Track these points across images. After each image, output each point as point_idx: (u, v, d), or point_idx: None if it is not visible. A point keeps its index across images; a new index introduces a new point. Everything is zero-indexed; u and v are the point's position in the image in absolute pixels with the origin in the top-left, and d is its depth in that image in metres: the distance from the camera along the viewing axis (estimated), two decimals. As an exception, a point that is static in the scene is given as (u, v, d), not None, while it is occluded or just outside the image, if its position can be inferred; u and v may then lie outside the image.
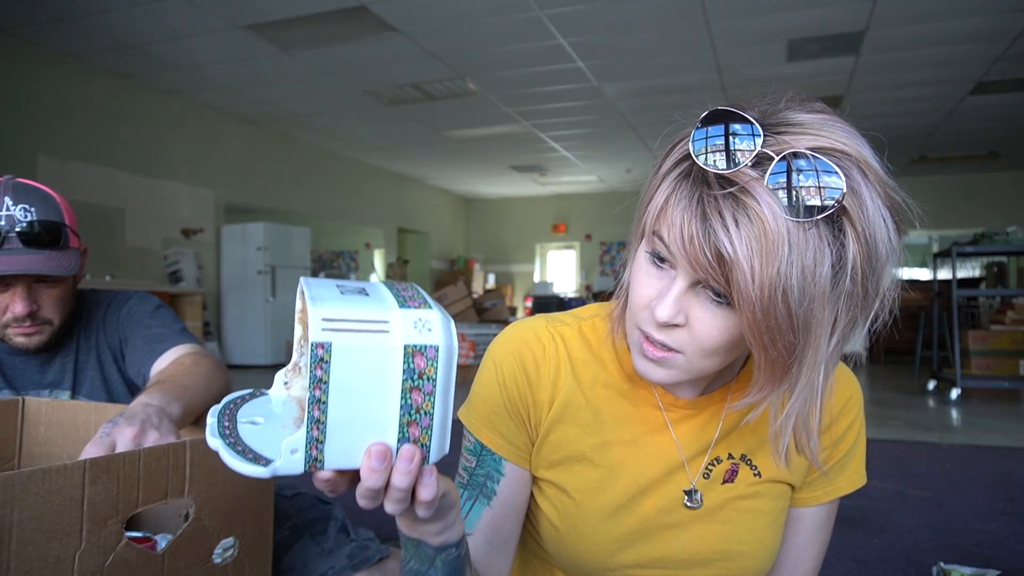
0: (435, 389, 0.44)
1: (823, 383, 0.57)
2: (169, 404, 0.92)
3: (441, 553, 0.57)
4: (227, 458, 0.45)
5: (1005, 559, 1.91)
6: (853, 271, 0.53)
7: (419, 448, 0.45)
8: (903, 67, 5.59)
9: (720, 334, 0.58)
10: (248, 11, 4.66)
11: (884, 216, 0.55)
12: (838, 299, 0.54)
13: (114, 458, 0.72)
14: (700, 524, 0.71)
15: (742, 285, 0.52)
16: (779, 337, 0.54)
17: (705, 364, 0.61)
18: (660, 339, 0.60)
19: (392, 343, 0.42)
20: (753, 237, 0.51)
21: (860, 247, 0.53)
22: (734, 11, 4.61)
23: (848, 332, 0.57)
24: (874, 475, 2.82)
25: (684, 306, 0.58)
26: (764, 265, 0.51)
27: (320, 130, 7.94)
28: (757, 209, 0.51)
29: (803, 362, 0.55)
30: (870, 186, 0.54)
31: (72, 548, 0.67)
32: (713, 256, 0.53)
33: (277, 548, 1.09)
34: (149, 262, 6.37)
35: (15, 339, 1.19)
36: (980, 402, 5.01)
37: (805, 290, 0.52)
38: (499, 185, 11.55)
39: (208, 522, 0.81)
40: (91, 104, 5.78)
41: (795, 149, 0.52)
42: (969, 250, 5.06)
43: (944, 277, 6.17)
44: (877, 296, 0.57)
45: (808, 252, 0.52)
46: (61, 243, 1.15)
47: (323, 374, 0.42)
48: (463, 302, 6.80)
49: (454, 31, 4.97)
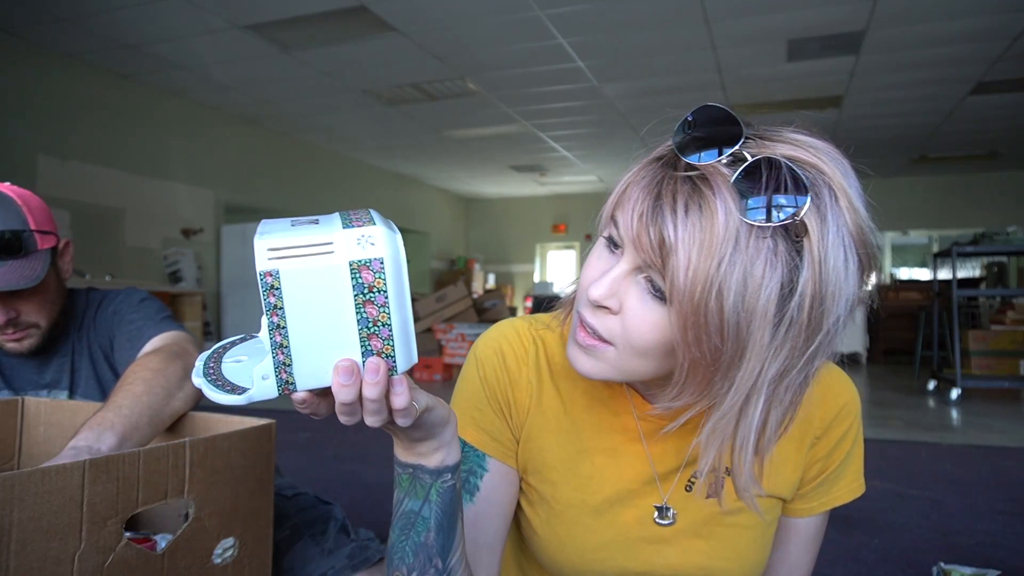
0: (387, 300, 0.45)
1: (759, 416, 0.54)
2: (100, 437, 0.86)
3: (437, 480, 0.57)
4: (207, 392, 0.47)
5: (1005, 559, 1.91)
6: (802, 298, 0.50)
7: (384, 359, 0.46)
8: (903, 67, 5.58)
9: (651, 330, 0.55)
10: (248, 11, 4.65)
11: (847, 247, 0.52)
12: (780, 323, 0.51)
13: (114, 458, 0.72)
14: (684, 539, 0.69)
15: (677, 273, 0.50)
16: (705, 338, 0.51)
17: (635, 364, 0.58)
18: (592, 323, 0.58)
19: (336, 261, 0.44)
20: (699, 227, 0.50)
21: (814, 273, 0.50)
22: (734, 11, 4.61)
23: (789, 366, 0.53)
24: (874, 475, 2.82)
25: (620, 291, 0.56)
26: (702, 257, 0.49)
27: (320, 130, 7.93)
28: (711, 200, 0.50)
29: (730, 377, 0.53)
30: (838, 212, 0.52)
31: (72, 548, 0.67)
32: (656, 239, 0.51)
33: (277, 548, 1.09)
34: (149, 262, 6.37)
35: (7, 345, 1.19)
36: (980, 402, 5.01)
37: (744, 298, 0.49)
38: (499, 185, 11.54)
39: (208, 522, 0.81)
40: (91, 104, 5.78)
41: (771, 155, 0.51)
42: (969, 250, 5.06)
43: (944, 277, 6.17)
44: (820, 332, 0.52)
45: (757, 261, 0.49)
46: (23, 251, 1.10)
47: (276, 300, 0.44)
48: (463, 302, 6.79)
49: (454, 31, 4.97)
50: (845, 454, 0.71)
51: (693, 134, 0.54)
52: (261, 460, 0.90)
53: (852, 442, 0.72)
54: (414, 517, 0.58)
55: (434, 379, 6.18)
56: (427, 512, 0.58)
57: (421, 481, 0.57)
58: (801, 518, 0.73)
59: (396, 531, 0.60)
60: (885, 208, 7.43)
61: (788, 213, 0.49)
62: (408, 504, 0.58)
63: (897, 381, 6.29)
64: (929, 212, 10.10)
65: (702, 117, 0.54)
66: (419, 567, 0.58)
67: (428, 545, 0.58)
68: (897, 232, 10.84)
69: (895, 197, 10.05)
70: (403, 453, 0.58)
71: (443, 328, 6.41)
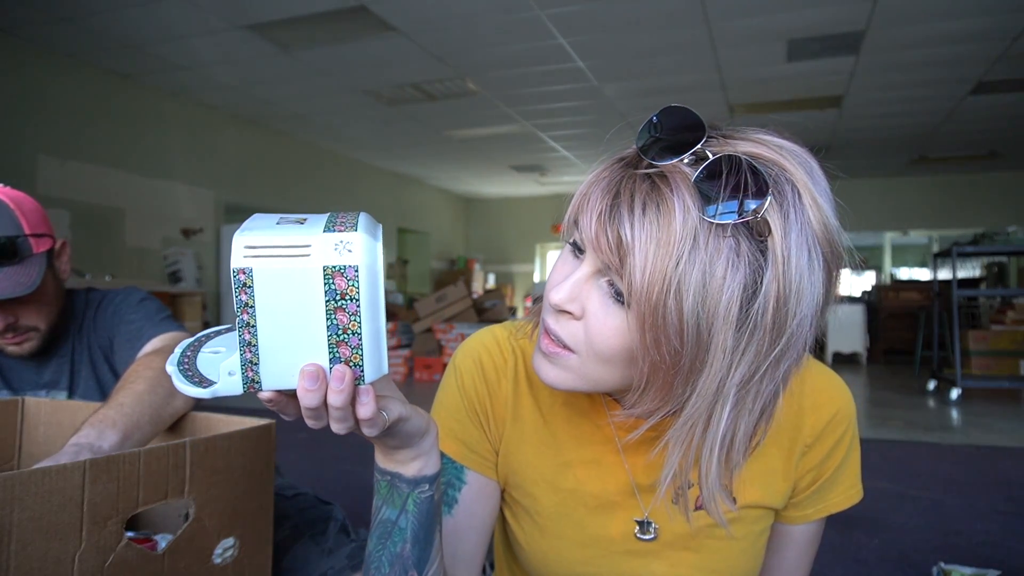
0: (359, 309, 0.44)
1: (724, 424, 0.52)
2: (102, 435, 0.87)
3: (415, 490, 0.56)
4: (175, 381, 0.47)
5: (1005, 559, 1.91)
6: (765, 299, 0.49)
7: (350, 368, 0.45)
8: (903, 67, 5.58)
9: (612, 335, 0.53)
10: (248, 11, 4.65)
11: (811, 245, 0.50)
12: (744, 326, 0.49)
13: (114, 458, 0.72)
14: (672, 552, 0.67)
15: (634, 273, 0.49)
16: (664, 340, 0.49)
17: (600, 372, 0.56)
18: (554, 330, 0.56)
19: (310, 265, 0.43)
20: (656, 226, 0.48)
21: (777, 273, 0.49)
22: (734, 11, 4.61)
23: (756, 371, 0.51)
24: (874, 475, 2.82)
25: (582, 295, 0.54)
26: (659, 256, 0.48)
27: (320, 130, 7.93)
28: (669, 198, 0.48)
29: (692, 382, 0.51)
30: (801, 210, 0.50)
31: (72, 548, 0.67)
32: (614, 239, 0.50)
33: (277, 548, 1.09)
34: (149, 262, 6.37)
35: (7, 348, 1.19)
36: (980, 402, 5.01)
37: (705, 299, 0.48)
38: (499, 185, 11.54)
39: (208, 522, 0.81)
40: (91, 104, 5.78)
41: (732, 152, 0.50)
42: (969, 250, 5.06)
43: (944, 277, 6.17)
44: (785, 334, 0.50)
45: (718, 260, 0.48)
46: (18, 257, 1.09)
47: (248, 299, 0.43)
48: (463, 302, 6.79)
49: (454, 31, 4.97)
50: (840, 461, 0.69)
51: (656, 135, 0.53)
52: (261, 460, 0.90)
53: (847, 449, 0.69)
54: (391, 527, 0.57)
55: (434, 379, 6.18)
56: (404, 523, 0.57)
57: (399, 490, 0.57)
58: (796, 525, 0.71)
59: (373, 540, 0.59)
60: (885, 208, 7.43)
61: (748, 210, 0.48)
62: (385, 512, 0.58)
63: (897, 381, 6.29)
64: (929, 212, 10.10)
65: (666, 119, 0.53)
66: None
67: (404, 557, 0.57)
68: (897, 232, 10.83)
69: (895, 197, 10.05)
70: (382, 459, 0.57)
71: (443, 328, 6.41)
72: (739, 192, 0.48)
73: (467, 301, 6.81)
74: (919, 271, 14.31)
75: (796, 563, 0.74)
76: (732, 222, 0.48)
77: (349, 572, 1.15)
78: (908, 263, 15.02)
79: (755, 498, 0.67)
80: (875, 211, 10.10)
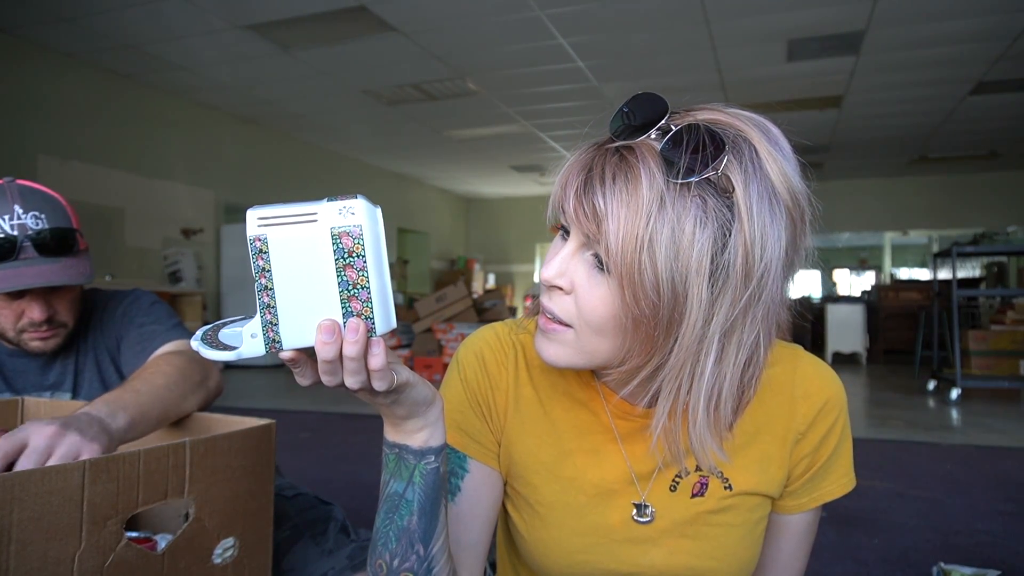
0: (366, 265, 0.48)
1: (709, 373, 0.57)
2: (113, 414, 0.87)
3: (421, 461, 0.59)
4: (203, 351, 0.52)
5: (1005, 559, 1.91)
6: (734, 249, 0.53)
7: (363, 320, 0.49)
8: (903, 67, 5.58)
9: (600, 303, 0.57)
10: (248, 11, 4.66)
11: (771, 195, 0.55)
12: (717, 277, 0.54)
13: (114, 458, 0.72)
14: (669, 539, 0.68)
15: (609, 238, 0.54)
16: (642, 296, 0.54)
17: (595, 344, 0.60)
18: (549, 307, 0.61)
19: (319, 229, 0.48)
20: (625, 192, 0.53)
21: (742, 224, 0.53)
22: (734, 11, 4.61)
23: (734, 321, 0.56)
24: (874, 475, 2.82)
25: (570, 270, 0.59)
26: (630, 219, 0.53)
27: (320, 130, 7.93)
28: (636, 167, 0.54)
29: (673, 334, 0.55)
30: (759, 164, 0.55)
31: (72, 549, 0.67)
32: (590, 211, 0.55)
33: (278, 548, 1.09)
34: (149, 262, 6.37)
35: (31, 343, 1.18)
36: (980, 402, 5.01)
37: (677, 254, 0.53)
38: (499, 185, 11.55)
39: (208, 522, 0.81)
40: (91, 104, 5.78)
41: (692, 121, 0.55)
42: (969, 250, 5.06)
43: (944, 277, 6.17)
44: (754, 280, 0.54)
45: (686, 218, 0.53)
46: (74, 250, 1.13)
47: (264, 264, 0.48)
48: (463, 302, 6.79)
49: (454, 31, 4.97)
50: (832, 449, 0.71)
51: (628, 121, 0.58)
52: (261, 460, 0.90)
53: (839, 437, 0.71)
54: (398, 500, 0.60)
55: (434, 379, 6.18)
56: (411, 495, 0.59)
57: (405, 462, 0.59)
58: (792, 515, 0.73)
59: (381, 516, 0.61)
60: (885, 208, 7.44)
61: (708, 167, 0.52)
62: (393, 486, 0.60)
63: (897, 381, 6.29)
64: (929, 212, 10.10)
65: (636, 104, 0.58)
66: (401, 552, 0.60)
67: (411, 530, 0.59)
68: (897, 232, 10.84)
69: (895, 197, 10.06)
70: (390, 432, 0.60)
71: (443, 328, 6.41)
72: (699, 153, 0.53)
73: (467, 301, 6.81)
74: (919, 271, 14.31)
75: (793, 553, 0.75)
76: (695, 180, 0.53)
77: (350, 572, 1.15)
78: (908, 263, 15.03)
79: (751, 485, 0.69)
80: (875, 211, 10.10)
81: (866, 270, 13.03)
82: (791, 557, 0.74)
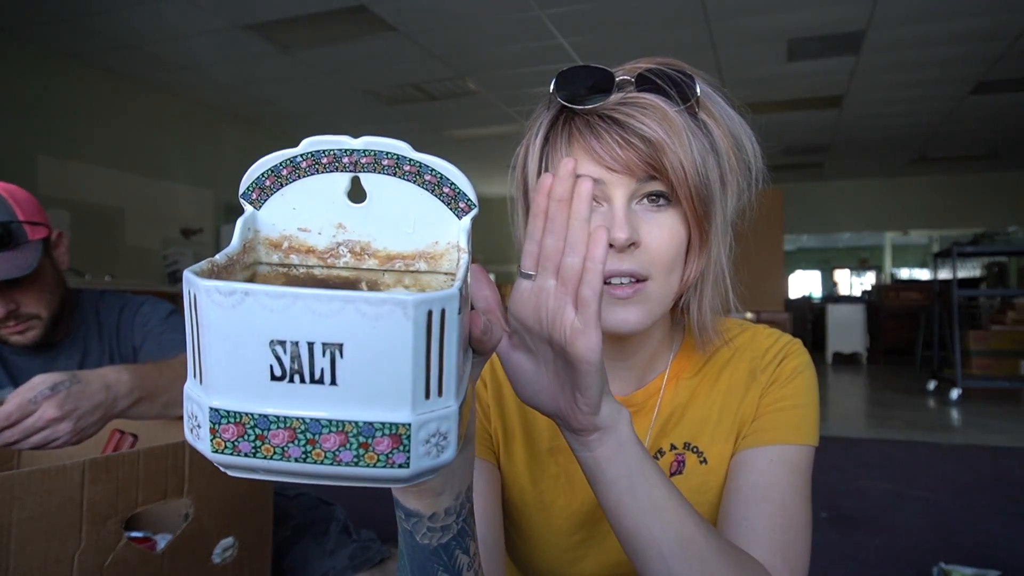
0: None
1: (725, 257, 0.65)
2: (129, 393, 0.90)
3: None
4: None
5: (1005, 559, 1.91)
6: (726, 148, 0.63)
7: None
8: (903, 67, 5.58)
9: (672, 239, 0.61)
10: (248, 11, 4.65)
11: (727, 103, 0.66)
12: (722, 172, 0.62)
13: (113, 458, 0.72)
14: None
15: (674, 164, 0.58)
16: (702, 210, 0.60)
17: (671, 284, 0.62)
18: (625, 269, 0.59)
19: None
20: (659, 118, 0.58)
21: (723, 129, 0.63)
22: (734, 11, 4.61)
23: (738, 204, 0.66)
24: (875, 475, 2.82)
25: (633, 221, 0.60)
26: (680, 143, 0.58)
27: (320, 130, 7.78)
28: (651, 101, 0.59)
29: (712, 229, 0.62)
30: (707, 86, 0.64)
31: (71, 548, 0.67)
32: (642, 143, 0.58)
33: (279, 548, 1.09)
34: (149, 262, 6.37)
35: (11, 338, 1.19)
36: (980, 402, 5.01)
37: (705, 160, 0.60)
38: (499, 185, 11.53)
39: (208, 522, 0.81)
40: (91, 104, 5.78)
41: (640, 70, 0.62)
42: (969, 250, 5.06)
43: (944, 277, 6.17)
44: (744, 164, 0.65)
45: (696, 132, 0.60)
46: (14, 242, 1.13)
47: None
48: (463, 302, 6.79)
49: (454, 31, 4.97)
50: (793, 398, 0.68)
51: (575, 86, 0.64)
52: (261, 460, 0.90)
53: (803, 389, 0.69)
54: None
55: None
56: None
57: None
58: (750, 449, 0.67)
59: None
60: (885, 208, 7.43)
61: (695, 91, 0.61)
62: None
63: (897, 381, 6.29)
64: (929, 212, 10.09)
65: (567, 77, 0.65)
66: None
67: None
68: (897, 232, 10.83)
69: (895, 197, 10.05)
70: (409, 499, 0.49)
71: (443, 328, 6.42)
72: (679, 84, 0.61)
73: (467, 301, 6.81)
74: (919, 271, 14.30)
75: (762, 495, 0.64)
76: (684, 106, 0.61)
77: (350, 572, 1.15)
78: (908, 263, 15.02)
79: (726, 456, 0.69)
80: (875, 211, 10.09)
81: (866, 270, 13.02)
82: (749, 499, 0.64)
